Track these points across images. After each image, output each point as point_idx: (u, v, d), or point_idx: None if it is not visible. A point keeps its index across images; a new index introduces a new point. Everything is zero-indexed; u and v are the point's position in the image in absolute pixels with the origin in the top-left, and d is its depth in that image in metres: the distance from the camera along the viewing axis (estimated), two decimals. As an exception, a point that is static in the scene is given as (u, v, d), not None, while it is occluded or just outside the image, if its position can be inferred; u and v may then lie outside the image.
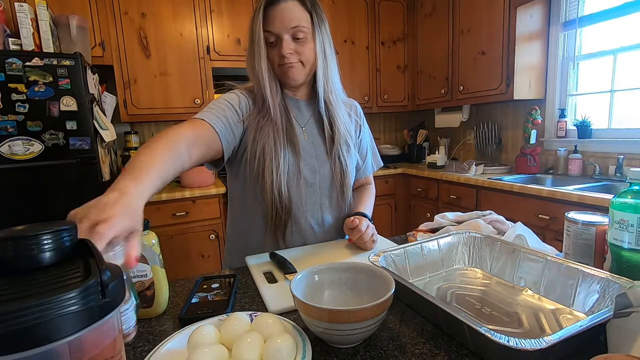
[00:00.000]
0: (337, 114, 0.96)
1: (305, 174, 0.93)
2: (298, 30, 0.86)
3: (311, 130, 0.97)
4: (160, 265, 0.64)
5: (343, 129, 0.97)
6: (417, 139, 3.27)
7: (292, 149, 0.92)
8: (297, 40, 0.87)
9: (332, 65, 0.93)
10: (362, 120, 1.07)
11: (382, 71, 3.09)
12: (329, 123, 0.96)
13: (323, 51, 0.90)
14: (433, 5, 2.83)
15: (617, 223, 0.62)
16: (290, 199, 0.92)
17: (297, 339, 0.49)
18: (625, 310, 0.44)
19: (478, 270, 0.76)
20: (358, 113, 1.08)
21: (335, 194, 0.98)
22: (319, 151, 0.96)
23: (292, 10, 0.85)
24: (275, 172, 0.88)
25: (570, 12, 2.20)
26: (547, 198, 1.80)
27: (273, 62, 0.89)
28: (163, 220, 2.24)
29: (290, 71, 0.88)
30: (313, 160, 0.95)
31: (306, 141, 0.95)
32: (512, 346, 0.41)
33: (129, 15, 2.31)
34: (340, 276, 0.62)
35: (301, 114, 0.97)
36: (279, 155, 0.88)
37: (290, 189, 0.91)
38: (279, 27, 0.85)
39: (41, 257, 0.31)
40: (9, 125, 1.73)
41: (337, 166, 0.96)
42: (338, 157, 0.96)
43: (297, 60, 0.88)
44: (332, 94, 0.95)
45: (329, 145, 0.96)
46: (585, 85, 2.23)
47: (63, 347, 0.27)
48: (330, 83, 0.94)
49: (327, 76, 0.93)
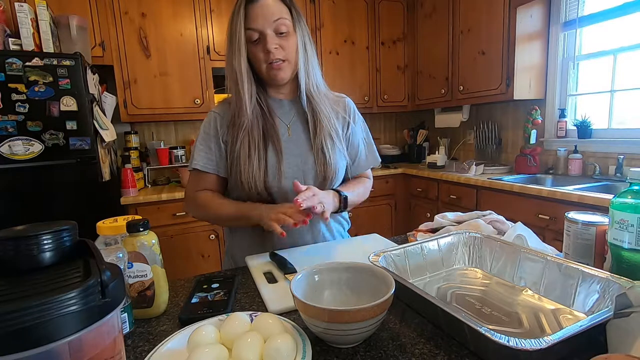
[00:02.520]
0: (320, 108, 0.96)
1: (286, 172, 0.92)
2: (280, 23, 0.86)
3: (296, 127, 0.97)
4: (160, 265, 0.64)
5: (326, 123, 0.95)
6: (417, 139, 3.27)
7: (273, 149, 0.92)
8: (280, 35, 0.87)
9: (312, 59, 0.94)
10: (351, 117, 1.05)
11: (382, 71, 3.09)
12: (312, 117, 0.96)
13: (304, 45, 0.91)
14: (433, 6, 2.83)
15: (617, 223, 0.62)
16: (272, 198, 0.92)
17: (297, 339, 0.49)
18: (625, 310, 0.44)
19: (478, 270, 0.76)
20: (348, 109, 1.05)
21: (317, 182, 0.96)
22: (302, 147, 0.95)
23: (273, 6, 0.86)
24: (251, 175, 0.89)
25: (570, 12, 2.20)
26: (547, 198, 1.80)
27: (258, 61, 0.89)
28: (163, 220, 2.24)
29: (279, 73, 0.89)
30: (296, 157, 0.94)
31: (290, 138, 0.95)
32: (512, 346, 0.41)
33: (129, 15, 2.31)
34: (340, 276, 0.62)
35: (285, 112, 0.97)
36: (253, 160, 0.89)
37: (272, 189, 0.91)
38: (262, 22, 0.85)
39: (41, 257, 0.31)
40: (9, 125, 1.73)
41: (320, 158, 0.94)
42: (321, 149, 0.94)
43: (282, 57, 0.88)
44: (313, 87, 0.95)
45: (312, 139, 0.95)
46: (585, 85, 2.23)
47: (63, 347, 0.27)
48: (312, 76, 0.94)
49: (308, 70, 0.93)
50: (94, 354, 0.30)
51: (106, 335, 0.31)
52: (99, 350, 0.30)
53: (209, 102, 2.55)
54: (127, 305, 0.58)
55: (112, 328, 0.32)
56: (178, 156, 2.65)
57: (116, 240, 0.61)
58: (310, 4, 2.78)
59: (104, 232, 0.60)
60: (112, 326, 0.32)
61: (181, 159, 2.66)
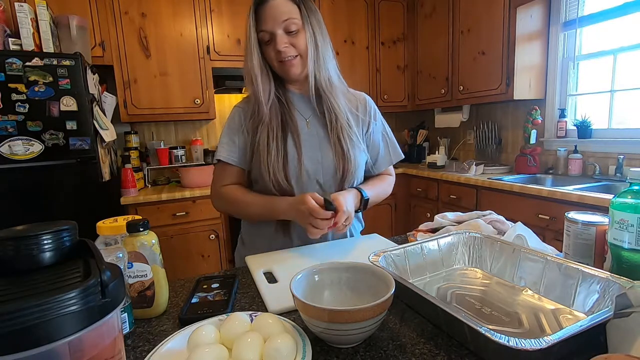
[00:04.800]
0: (331, 103, 0.96)
1: (306, 165, 0.93)
2: (289, 22, 0.88)
3: (314, 121, 0.98)
4: (160, 265, 0.64)
5: (341, 118, 0.96)
6: (417, 139, 3.27)
7: (292, 141, 0.93)
8: (290, 34, 0.89)
9: (324, 55, 0.94)
10: (370, 116, 1.05)
11: (382, 71, 3.09)
12: (327, 112, 0.96)
13: (314, 41, 0.91)
14: (433, 6, 2.83)
15: (617, 223, 0.62)
16: (292, 191, 0.93)
17: (297, 339, 0.49)
18: (625, 310, 0.44)
19: (478, 270, 0.76)
20: (369, 107, 1.05)
21: (339, 185, 0.96)
22: (322, 142, 0.96)
23: (281, 6, 0.88)
24: (270, 165, 0.90)
25: (570, 12, 2.20)
26: (547, 198, 1.80)
27: (272, 60, 0.92)
28: (163, 220, 2.24)
29: (292, 69, 0.91)
30: (316, 151, 0.95)
31: (309, 132, 0.97)
32: (512, 346, 0.41)
33: (129, 15, 2.31)
34: (340, 276, 0.62)
35: (304, 106, 0.99)
36: (272, 149, 0.91)
37: (292, 181, 0.93)
38: (271, 23, 0.88)
39: (41, 257, 0.31)
40: (9, 125, 1.73)
41: (338, 152, 0.95)
42: (339, 143, 0.95)
43: (295, 53, 0.90)
44: (325, 82, 0.95)
45: (329, 133, 0.96)
46: (585, 85, 2.23)
47: (63, 347, 0.27)
48: (324, 72, 0.94)
49: (318, 66, 0.93)
50: (94, 354, 0.30)
51: (106, 335, 0.31)
52: (99, 350, 0.30)
53: (209, 102, 2.55)
54: (127, 305, 0.58)
55: (112, 328, 0.32)
56: (178, 156, 2.65)
57: (116, 240, 0.61)
58: (310, 4, 2.78)
59: (104, 232, 0.60)
60: (112, 326, 0.32)
61: (181, 159, 2.66)
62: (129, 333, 0.58)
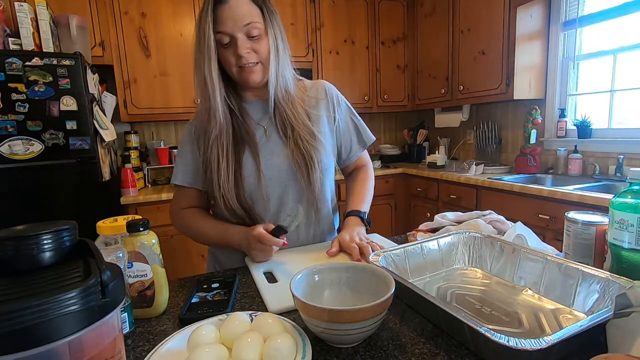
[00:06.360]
0: (288, 114, 0.91)
1: (267, 174, 0.90)
2: (252, 27, 0.81)
3: (272, 129, 0.94)
4: (160, 265, 0.64)
5: (298, 126, 0.91)
6: (417, 139, 3.27)
7: (249, 152, 0.89)
8: (252, 38, 0.83)
9: (284, 61, 0.89)
10: (334, 104, 0.99)
11: (382, 71, 3.09)
12: (282, 123, 0.92)
13: (276, 47, 0.86)
14: (433, 5, 2.83)
15: (617, 223, 0.62)
16: (252, 200, 0.90)
17: (297, 338, 0.49)
18: (625, 310, 0.44)
19: (478, 270, 0.76)
20: (328, 95, 0.99)
21: (308, 191, 0.93)
22: (282, 148, 0.92)
23: (242, 6, 0.81)
24: (222, 189, 0.86)
25: (570, 12, 2.20)
26: (547, 198, 1.80)
27: (229, 64, 0.84)
28: (163, 220, 2.23)
29: (251, 76, 0.85)
30: (276, 157, 0.91)
31: (267, 139, 0.92)
32: (512, 346, 0.41)
33: (129, 15, 2.31)
34: (340, 276, 0.62)
35: (260, 114, 0.94)
36: (222, 170, 0.86)
37: (247, 198, 0.89)
38: (232, 26, 0.80)
39: (41, 257, 0.31)
40: (9, 125, 1.73)
41: (299, 159, 0.90)
42: (298, 150, 0.91)
43: (256, 60, 0.84)
44: (282, 92, 0.91)
45: (287, 142, 0.92)
46: (585, 85, 2.23)
47: (63, 347, 0.27)
48: (281, 81, 0.89)
49: (279, 74, 0.88)
50: (94, 353, 0.30)
51: (106, 335, 0.31)
52: (99, 350, 0.30)
53: (209, 102, 2.55)
54: (127, 305, 0.58)
55: (112, 328, 0.32)
56: (178, 156, 2.65)
57: (116, 240, 0.61)
58: (310, 4, 2.78)
59: (104, 232, 0.61)
60: (112, 326, 0.32)
61: (181, 159, 2.66)
62: (129, 333, 0.58)
